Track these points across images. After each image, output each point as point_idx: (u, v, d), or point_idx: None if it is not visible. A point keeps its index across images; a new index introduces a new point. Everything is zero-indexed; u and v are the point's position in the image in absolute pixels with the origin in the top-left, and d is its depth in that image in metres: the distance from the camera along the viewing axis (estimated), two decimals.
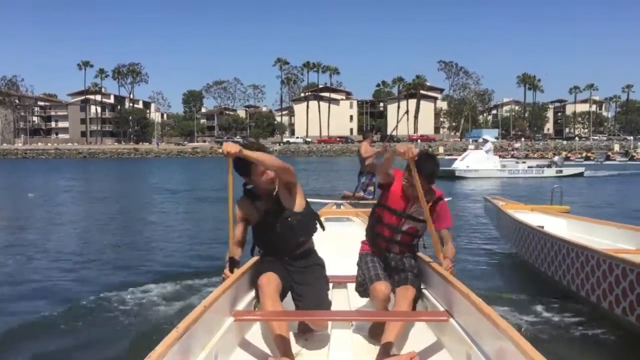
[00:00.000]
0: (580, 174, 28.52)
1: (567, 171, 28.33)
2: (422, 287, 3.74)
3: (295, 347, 3.36)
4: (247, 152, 3.34)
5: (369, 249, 3.85)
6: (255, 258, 3.84)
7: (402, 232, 3.73)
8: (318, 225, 3.82)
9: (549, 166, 29.43)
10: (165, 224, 12.70)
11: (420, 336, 3.53)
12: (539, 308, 5.24)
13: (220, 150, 3.39)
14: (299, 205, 3.65)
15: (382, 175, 3.76)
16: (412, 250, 3.86)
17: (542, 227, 6.81)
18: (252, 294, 3.57)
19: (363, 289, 3.68)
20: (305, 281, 3.60)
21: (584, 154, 53.53)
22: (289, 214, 3.60)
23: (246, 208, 3.74)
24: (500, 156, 63.35)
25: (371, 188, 10.77)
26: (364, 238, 4.00)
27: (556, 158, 32.21)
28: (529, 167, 29.34)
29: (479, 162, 26.85)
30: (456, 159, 30.70)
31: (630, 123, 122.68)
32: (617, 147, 72.99)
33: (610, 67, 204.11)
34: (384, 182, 3.77)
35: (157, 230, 11.81)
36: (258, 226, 3.72)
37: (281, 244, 3.63)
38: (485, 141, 28.03)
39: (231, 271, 3.54)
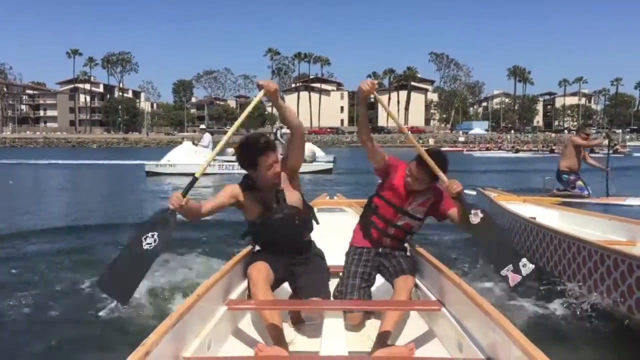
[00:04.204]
0: (329, 171, 23.44)
1: (315, 166, 22.91)
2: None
3: (288, 336, 3.35)
4: (275, 100, 3.38)
5: (359, 242, 3.81)
6: (249, 247, 3.82)
7: (396, 227, 3.71)
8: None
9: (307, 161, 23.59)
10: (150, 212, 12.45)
11: (412, 325, 3.53)
12: (530, 298, 5.25)
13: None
14: (298, 198, 3.52)
15: (372, 160, 3.66)
16: (403, 247, 3.84)
17: (534, 218, 6.83)
18: (246, 283, 3.54)
19: (339, 292, 3.68)
20: (307, 272, 3.55)
21: None
22: (294, 212, 3.45)
23: (242, 195, 3.43)
24: (487, 148, 63.28)
25: (579, 182, 10.67)
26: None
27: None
28: None
29: (182, 157, 22.04)
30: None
31: (618, 116, 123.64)
32: (605, 141, 73.33)
33: (599, 61, 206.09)
34: (377, 167, 3.69)
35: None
36: (257, 223, 3.49)
37: (285, 244, 3.52)
38: (204, 131, 23.79)
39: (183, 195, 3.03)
